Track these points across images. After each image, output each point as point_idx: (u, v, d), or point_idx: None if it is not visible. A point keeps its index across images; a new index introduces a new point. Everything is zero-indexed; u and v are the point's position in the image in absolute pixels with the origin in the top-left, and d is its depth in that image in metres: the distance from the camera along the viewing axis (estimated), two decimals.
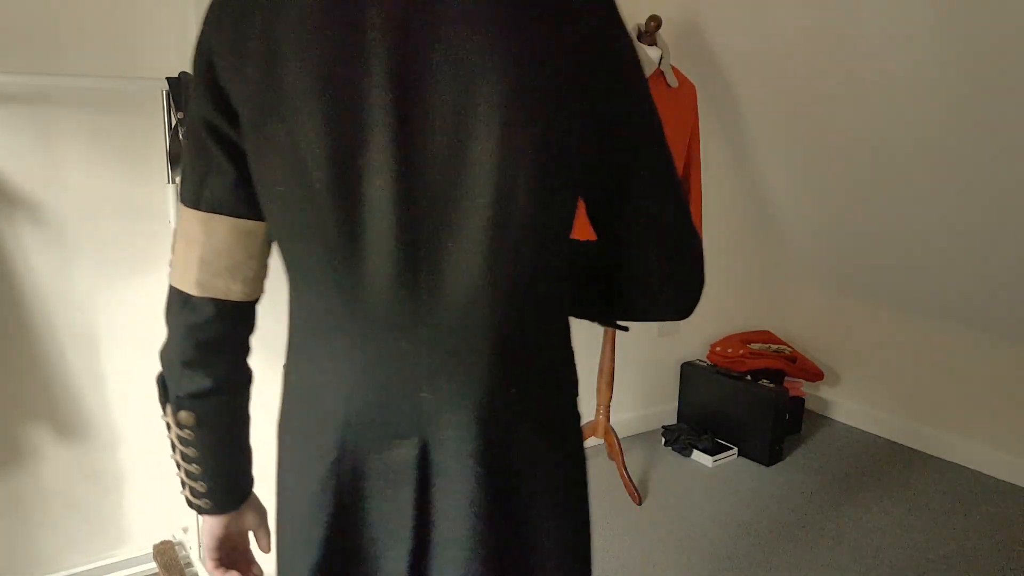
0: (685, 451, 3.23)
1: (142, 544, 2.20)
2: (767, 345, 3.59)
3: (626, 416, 3.40)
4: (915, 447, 3.41)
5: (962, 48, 2.29)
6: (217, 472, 0.99)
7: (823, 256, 3.51)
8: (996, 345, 3.13)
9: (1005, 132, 2.38)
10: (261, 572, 1.08)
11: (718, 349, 3.51)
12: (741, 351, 3.45)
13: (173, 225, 1.94)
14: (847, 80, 2.69)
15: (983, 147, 2.48)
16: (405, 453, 0.83)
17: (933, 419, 3.36)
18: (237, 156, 0.79)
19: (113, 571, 2.13)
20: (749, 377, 3.30)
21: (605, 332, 2.84)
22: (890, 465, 3.24)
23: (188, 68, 1.88)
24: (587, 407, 3.25)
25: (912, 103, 2.55)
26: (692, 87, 2.71)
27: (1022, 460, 3.09)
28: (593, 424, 2.93)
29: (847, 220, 3.20)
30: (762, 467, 3.17)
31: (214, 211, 0.81)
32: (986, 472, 3.18)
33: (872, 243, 3.19)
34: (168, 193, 1.93)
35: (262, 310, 2.25)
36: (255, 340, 2.23)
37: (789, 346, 3.65)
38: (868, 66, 2.58)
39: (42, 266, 1.92)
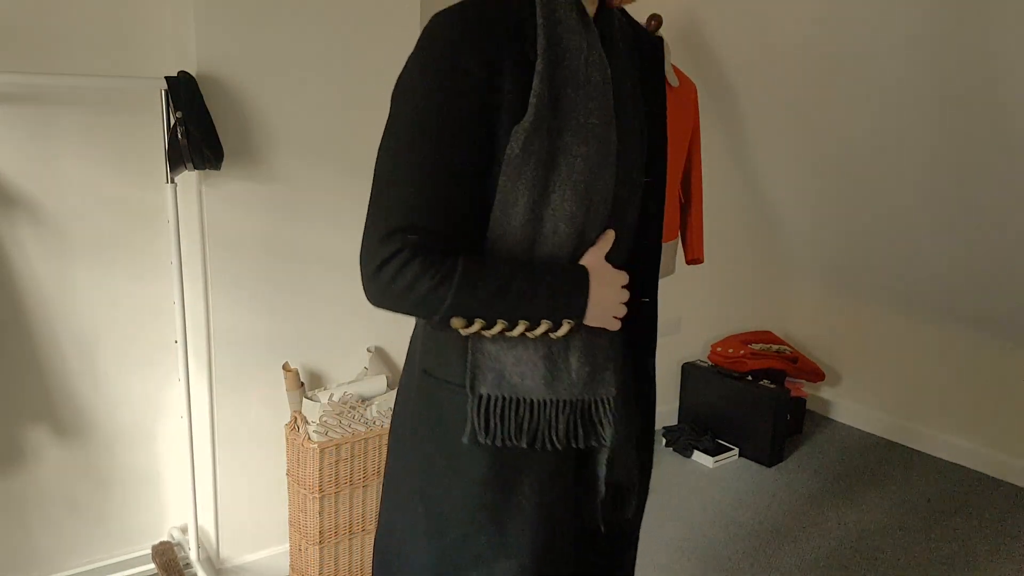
0: (686, 452, 3.22)
1: (141, 544, 2.19)
2: (768, 345, 3.58)
3: None
4: (916, 447, 3.40)
5: (963, 51, 2.28)
6: None
7: (824, 256, 3.50)
8: (996, 345, 3.12)
9: (1006, 133, 2.38)
10: None
11: (719, 349, 3.51)
12: (742, 351, 3.45)
13: (172, 224, 1.94)
14: (848, 79, 2.69)
15: (984, 148, 2.47)
16: None
17: (934, 419, 3.36)
18: None
19: (112, 571, 2.13)
20: (750, 378, 3.29)
21: None
22: (891, 465, 3.23)
23: (187, 68, 1.88)
24: None
25: (913, 104, 2.55)
26: (693, 86, 2.70)
27: (1021, 460, 3.08)
28: None
29: (848, 220, 3.20)
30: (763, 468, 3.16)
31: None
32: (986, 472, 3.18)
33: (873, 243, 3.18)
34: (167, 193, 1.93)
35: (256, 311, 2.24)
36: (255, 341, 2.22)
37: (790, 346, 3.64)
38: (869, 66, 2.58)
39: (41, 266, 1.92)
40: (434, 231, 0.93)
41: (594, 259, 1.00)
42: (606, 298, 1.00)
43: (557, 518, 1.07)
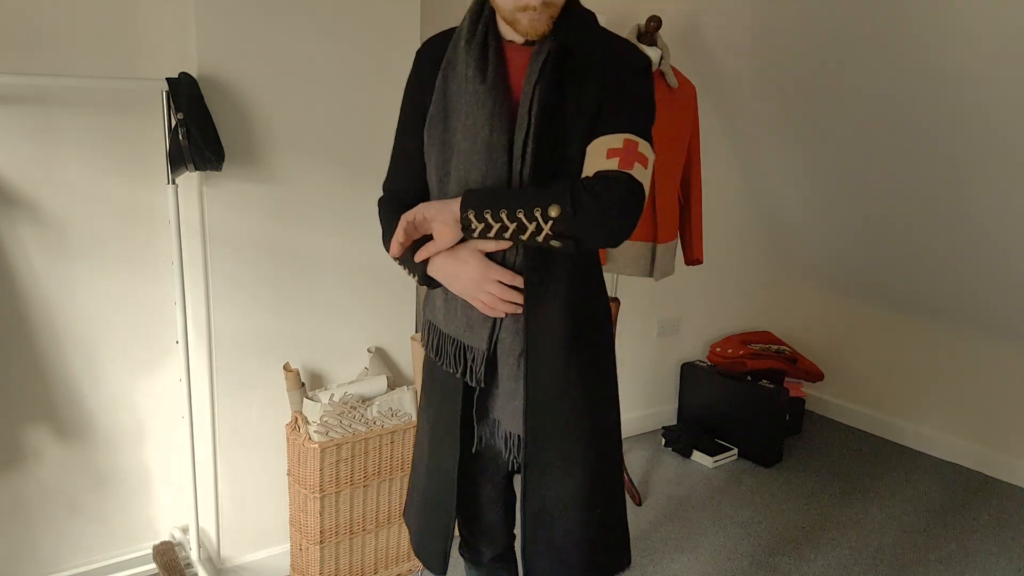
0: (685, 452, 3.23)
1: (142, 544, 2.20)
2: (767, 346, 3.59)
3: (626, 417, 3.40)
4: (915, 447, 3.41)
5: (962, 53, 2.29)
6: None
7: (823, 256, 3.51)
8: (995, 345, 3.13)
9: (1005, 133, 2.38)
10: None
11: (718, 350, 3.51)
12: (741, 352, 3.45)
13: (173, 225, 1.95)
14: (847, 80, 2.69)
15: (984, 148, 2.48)
16: None
17: (933, 419, 3.36)
18: None
19: (113, 571, 2.13)
20: (749, 378, 3.30)
21: None
22: (890, 465, 3.24)
23: (188, 69, 1.88)
24: None
25: (911, 104, 2.56)
26: (692, 87, 2.71)
27: (1021, 460, 3.09)
28: None
29: (847, 220, 3.20)
30: (762, 468, 3.17)
31: None
32: (985, 472, 3.18)
33: (872, 244, 3.19)
34: (168, 194, 1.93)
35: (257, 311, 2.24)
36: (256, 342, 2.22)
37: (789, 346, 3.65)
38: (869, 69, 2.59)
39: (42, 266, 1.92)
40: (393, 191, 1.42)
41: (470, 247, 1.26)
42: (462, 274, 1.26)
43: (444, 424, 1.41)
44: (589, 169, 1.21)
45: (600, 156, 1.20)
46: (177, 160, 1.84)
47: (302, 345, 2.17)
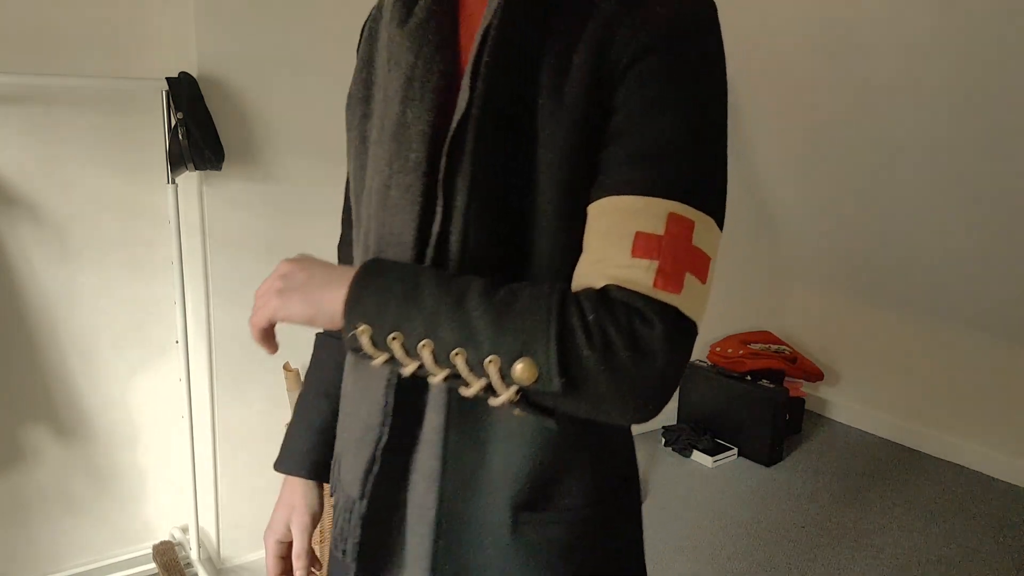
0: (685, 451, 3.23)
1: (142, 544, 2.20)
2: (767, 345, 3.59)
3: None
4: (915, 447, 3.41)
5: (963, 51, 2.29)
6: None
7: (823, 256, 3.51)
8: (995, 345, 3.13)
9: (1005, 135, 2.39)
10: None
11: (718, 349, 3.51)
12: (741, 351, 3.45)
13: (173, 224, 1.95)
14: (848, 81, 2.69)
15: (984, 149, 2.48)
16: None
17: (933, 419, 3.36)
18: None
19: (113, 571, 2.13)
20: (749, 377, 3.30)
21: None
22: (890, 465, 3.24)
23: (188, 69, 1.88)
24: None
25: (913, 105, 2.56)
26: None
27: (1021, 460, 3.09)
28: None
29: (847, 220, 3.20)
30: (762, 467, 3.17)
31: None
32: (986, 472, 3.18)
33: (872, 243, 3.19)
34: (168, 194, 1.93)
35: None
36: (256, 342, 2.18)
37: (789, 346, 3.65)
38: (869, 68, 2.59)
39: (42, 266, 1.92)
40: (340, 244, 0.94)
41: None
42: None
43: None
44: (592, 264, 0.62)
45: (618, 243, 0.60)
46: (177, 160, 1.84)
47: (302, 345, 2.17)
